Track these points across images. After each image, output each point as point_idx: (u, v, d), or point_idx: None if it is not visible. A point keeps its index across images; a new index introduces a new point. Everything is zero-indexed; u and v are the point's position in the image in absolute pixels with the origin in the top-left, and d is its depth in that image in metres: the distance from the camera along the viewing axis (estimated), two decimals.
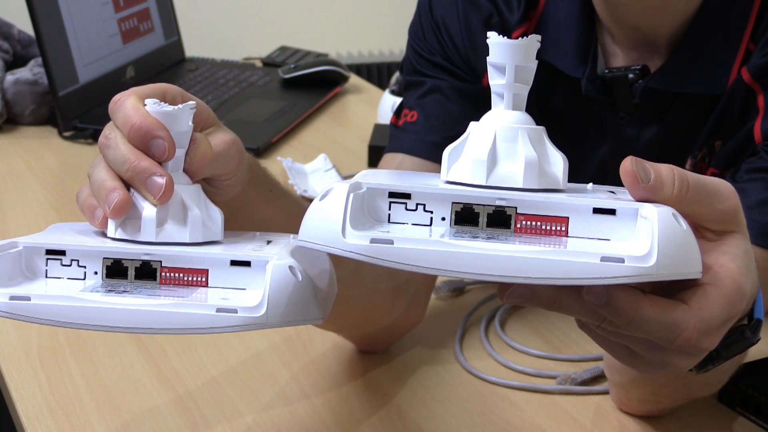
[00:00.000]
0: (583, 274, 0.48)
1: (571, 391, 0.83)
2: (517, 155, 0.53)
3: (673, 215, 0.50)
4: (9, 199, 1.23)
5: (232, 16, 3.01)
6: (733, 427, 0.79)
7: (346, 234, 0.51)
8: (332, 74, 1.68)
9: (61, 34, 1.45)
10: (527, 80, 0.55)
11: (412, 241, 0.50)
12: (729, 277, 0.52)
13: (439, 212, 0.53)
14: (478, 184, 0.53)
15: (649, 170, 0.51)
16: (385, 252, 0.50)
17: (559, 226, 0.52)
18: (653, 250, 0.48)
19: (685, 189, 0.51)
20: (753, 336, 0.58)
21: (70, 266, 0.57)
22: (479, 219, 0.52)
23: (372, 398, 0.82)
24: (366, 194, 0.53)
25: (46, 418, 0.79)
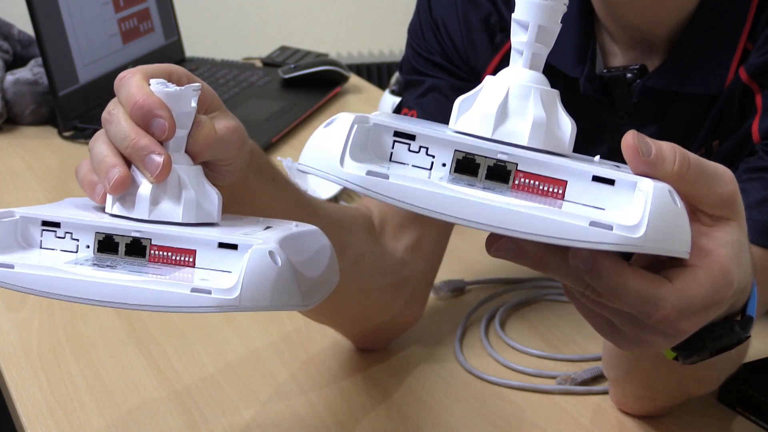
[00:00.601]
0: (570, 235, 0.49)
1: (571, 391, 0.83)
2: (526, 113, 0.53)
3: (669, 191, 0.50)
4: (9, 199, 1.23)
5: (232, 16, 3.01)
6: (733, 427, 0.79)
7: (344, 163, 0.51)
8: (332, 74, 1.68)
9: (61, 34, 1.45)
10: (549, 42, 0.55)
11: (408, 179, 0.50)
12: (717, 263, 0.51)
13: (441, 157, 0.53)
14: (484, 136, 0.53)
15: (651, 145, 0.51)
16: (379, 185, 0.50)
17: (557, 188, 0.52)
18: (643, 221, 0.48)
19: (686, 167, 0.51)
20: (742, 332, 0.58)
21: (63, 238, 0.58)
22: (479, 170, 0.52)
23: (372, 398, 0.82)
24: (371, 129, 0.53)
25: (46, 418, 0.79)
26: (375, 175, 0.50)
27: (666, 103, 0.87)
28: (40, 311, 0.95)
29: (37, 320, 0.94)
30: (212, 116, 0.63)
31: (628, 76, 0.86)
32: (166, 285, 0.53)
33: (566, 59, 0.88)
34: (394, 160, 0.54)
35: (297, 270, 0.55)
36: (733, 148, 0.83)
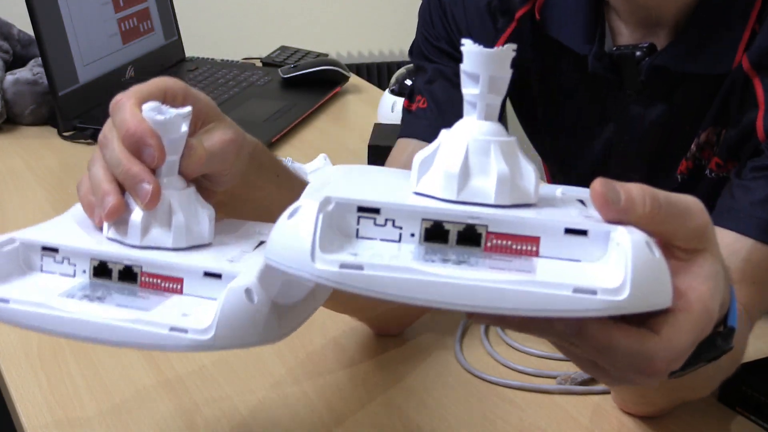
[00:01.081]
0: (554, 306, 0.47)
1: (571, 391, 0.83)
2: (489, 170, 0.52)
3: (647, 243, 0.48)
4: (9, 199, 1.23)
5: (232, 16, 3.01)
6: (733, 427, 0.79)
7: (315, 258, 0.49)
8: (332, 74, 1.68)
9: (61, 34, 1.45)
10: (501, 90, 0.54)
11: (382, 267, 0.48)
12: (699, 302, 0.51)
13: (409, 228, 0.52)
14: (449, 199, 0.52)
15: (620, 191, 0.50)
16: (354, 278, 0.49)
17: (530, 246, 0.50)
18: (626, 282, 0.47)
19: (657, 208, 0.50)
20: (724, 344, 0.58)
21: (62, 263, 0.59)
22: (449, 236, 0.51)
23: (372, 398, 0.82)
24: (335, 209, 0.51)
25: (46, 418, 0.79)
26: (348, 267, 0.48)
27: (674, 83, 0.87)
28: None
29: None
30: (207, 129, 0.64)
31: (637, 54, 0.87)
32: (147, 325, 0.54)
33: (575, 37, 0.89)
34: (362, 236, 0.52)
35: (276, 303, 0.55)
36: (736, 139, 0.84)
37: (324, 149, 1.37)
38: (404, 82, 1.47)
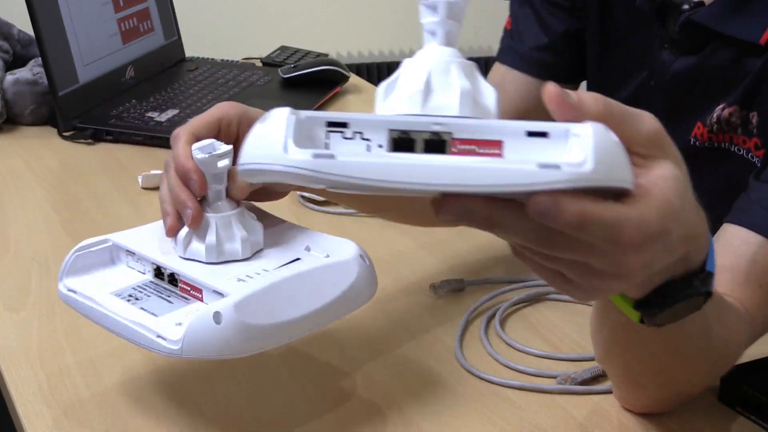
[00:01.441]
0: (522, 180, 0.48)
1: (571, 391, 0.83)
2: (451, 86, 0.54)
3: (605, 128, 0.50)
4: (9, 199, 1.23)
5: (232, 16, 3.01)
6: (733, 427, 0.79)
7: (288, 150, 0.50)
8: (332, 74, 1.68)
9: (61, 34, 1.45)
10: (459, 17, 0.56)
11: (354, 155, 0.50)
12: (659, 192, 0.52)
13: (376, 139, 0.52)
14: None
15: (572, 93, 0.53)
16: (327, 166, 0.49)
17: (494, 149, 0.52)
18: (588, 156, 0.49)
19: (608, 109, 0.52)
20: (702, 286, 0.59)
21: (138, 263, 0.77)
22: (415, 145, 0.52)
23: (372, 398, 0.82)
24: (305, 121, 0.52)
25: (46, 418, 0.79)
26: (321, 156, 0.49)
27: (706, 41, 0.91)
28: (40, 311, 0.95)
29: (37, 320, 0.94)
30: None
31: (683, 7, 0.91)
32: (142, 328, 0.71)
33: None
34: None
35: (248, 324, 0.68)
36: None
37: None
38: None
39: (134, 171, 1.31)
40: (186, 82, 1.65)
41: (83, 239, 1.11)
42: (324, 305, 0.73)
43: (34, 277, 1.02)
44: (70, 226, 1.15)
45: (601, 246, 0.51)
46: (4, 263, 1.06)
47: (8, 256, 1.07)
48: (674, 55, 0.94)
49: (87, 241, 0.79)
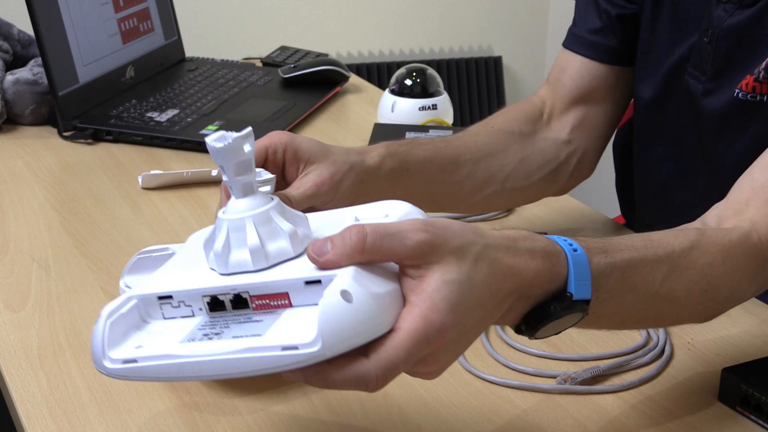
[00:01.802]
0: (270, 365, 0.58)
1: (571, 391, 0.83)
2: (244, 243, 0.63)
3: (343, 293, 0.57)
4: (9, 199, 1.23)
5: (232, 16, 3.01)
6: (733, 427, 0.79)
7: (104, 358, 0.62)
8: (332, 74, 1.68)
9: (61, 34, 1.45)
10: (249, 168, 0.64)
11: (149, 358, 0.61)
12: (414, 320, 0.58)
13: (197, 305, 0.63)
14: (223, 272, 0.64)
15: (326, 243, 0.60)
16: (133, 371, 0.62)
17: (284, 300, 0.61)
18: (318, 336, 0.56)
19: (362, 240, 0.59)
20: (562, 310, 0.66)
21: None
22: (226, 305, 0.62)
23: (372, 398, 0.82)
24: (139, 302, 0.65)
25: (46, 418, 0.79)
26: (128, 362, 0.62)
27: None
28: (40, 311, 0.95)
29: (37, 320, 0.94)
30: (306, 172, 0.81)
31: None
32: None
33: None
34: (167, 317, 0.65)
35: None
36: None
37: None
38: (404, 82, 1.47)
39: (134, 171, 1.31)
40: (186, 82, 1.65)
41: (83, 239, 1.11)
42: None
43: (34, 277, 1.02)
44: (70, 226, 1.15)
45: None
46: (4, 263, 1.06)
47: (8, 256, 1.07)
48: (728, 12, 0.98)
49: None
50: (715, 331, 0.93)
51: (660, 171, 1.13)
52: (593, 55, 1.13)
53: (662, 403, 0.82)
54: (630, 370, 0.86)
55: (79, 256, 1.07)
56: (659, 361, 0.87)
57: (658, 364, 0.86)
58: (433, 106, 1.45)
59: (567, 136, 1.12)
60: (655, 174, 1.14)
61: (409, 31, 3.26)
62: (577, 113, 1.12)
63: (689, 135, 1.06)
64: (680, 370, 0.87)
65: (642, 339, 0.90)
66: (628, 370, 0.86)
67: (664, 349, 0.89)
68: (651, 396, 0.83)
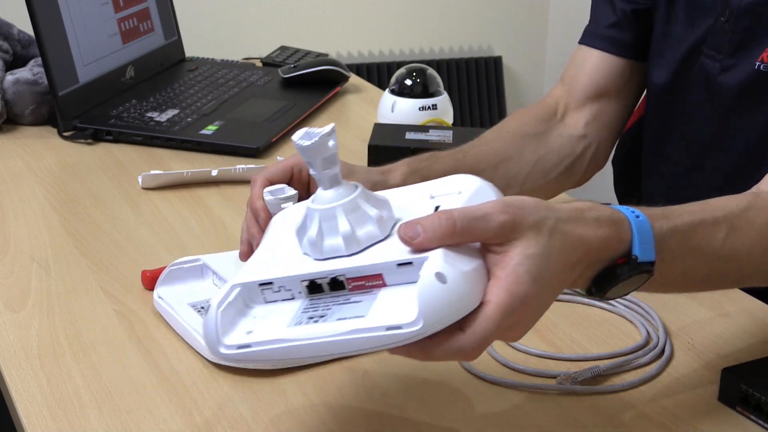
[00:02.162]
0: (377, 344, 0.63)
1: (571, 391, 0.83)
2: (336, 231, 0.68)
3: (437, 275, 0.62)
4: (9, 199, 1.23)
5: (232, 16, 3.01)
6: (733, 427, 0.79)
7: (220, 346, 0.67)
8: (332, 74, 1.68)
9: (61, 34, 1.45)
10: (334, 162, 0.69)
11: (260, 343, 0.66)
12: (501, 293, 0.64)
13: (296, 289, 0.68)
14: (318, 258, 0.69)
15: (416, 227, 0.64)
16: (247, 355, 0.66)
17: (378, 281, 0.66)
18: (419, 316, 0.61)
19: (451, 225, 0.64)
20: (627, 272, 0.71)
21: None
22: (323, 287, 0.67)
23: (372, 398, 0.82)
24: (243, 290, 0.69)
25: (46, 418, 0.79)
26: (243, 347, 0.66)
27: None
28: (40, 311, 0.95)
29: (37, 320, 0.94)
30: None
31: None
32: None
33: None
34: (268, 301, 0.69)
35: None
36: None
37: None
38: (404, 81, 1.47)
39: (134, 171, 1.31)
40: (186, 82, 1.65)
41: (83, 239, 1.11)
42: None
43: (34, 277, 1.02)
44: (70, 226, 1.15)
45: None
46: (4, 263, 1.06)
47: (8, 256, 1.07)
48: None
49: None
50: (715, 331, 0.93)
51: (671, 156, 1.17)
52: (610, 48, 1.18)
53: (662, 403, 0.82)
54: (630, 370, 0.86)
55: (79, 256, 1.07)
56: (659, 361, 0.87)
57: (658, 364, 0.86)
58: (433, 106, 1.45)
59: (582, 130, 1.17)
60: (665, 161, 1.18)
61: (409, 31, 3.26)
62: (593, 108, 1.17)
63: (703, 117, 1.11)
64: (680, 370, 0.87)
65: (642, 339, 0.90)
66: (628, 370, 0.86)
67: (664, 349, 0.89)
68: (651, 396, 0.83)
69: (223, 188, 1.26)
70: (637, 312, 0.95)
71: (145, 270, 1.00)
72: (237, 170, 1.27)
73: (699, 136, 1.12)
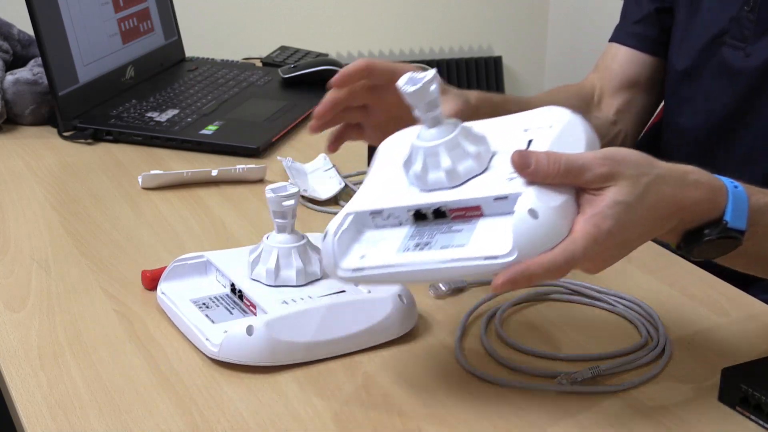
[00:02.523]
0: (477, 272, 0.73)
1: (571, 391, 0.83)
2: (440, 166, 0.76)
3: (530, 211, 0.71)
4: (9, 199, 1.23)
5: (232, 16, 3.01)
6: (733, 427, 0.79)
7: (338, 267, 0.77)
8: (332, 74, 1.65)
9: (61, 34, 1.45)
10: (436, 104, 0.77)
11: (372, 268, 0.76)
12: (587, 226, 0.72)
13: (403, 216, 0.78)
14: (424, 189, 0.77)
15: (530, 159, 0.73)
16: (361, 278, 0.77)
17: (477, 212, 0.75)
18: (514, 248, 0.71)
19: (557, 168, 0.72)
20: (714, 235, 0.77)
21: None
22: (428, 216, 0.77)
23: (372, 398, 0.82)
24: (355, 217, 0.79)
25: (46, 418, 0.79)
26: (357, 270, 0.76)
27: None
28: (40, 311, 0.95)
29: (37, 320, 0.94)
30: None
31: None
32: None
33: None
34: (378, 227, 0.79)
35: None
36: None
37: (324, 149, 1.36)
38: None
39: (134, 171, 1.31)
40: (186, 82, 1.65)
41: (83, 239, 1.11)
42: (350, 334, 0.86)
43: (34, 277, 1.02)
44: (70, 226, 1.15)
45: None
46: (4, 263, 1.06)
47: (8, 256, 1.07)
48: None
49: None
50: (715, 331, 0.93)
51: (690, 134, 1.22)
52: (637, 45, 1.27)
53: (662, 403, 0.82)
54: (630, 370, 0.86)
55: (79, 256, 1.07)
56: (659, 361, 0.87)
57: (658, 364, 0.86)
58: None
59: (613, 116, 1.25)
60: (685, 141, 1.23)
61: (409, 31, 3.26)
62: (623, 97, 1.26)
63: (723, 99, 1.15)
64: (680, 370, 0.87)
65: (642, 339, 0.90)
66: (628, 370, 0.86)
67: (664, 349, 0.89)
68: (651, 396, 0.83)
69: (223, 188, 1.26)
70: (637, 312, 0.95)
71: (145, 270, 1.00)
72: (237, 170, 1.27)
73: (718, 119, 1.17)
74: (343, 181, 1.24)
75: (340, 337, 0.86)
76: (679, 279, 1.03)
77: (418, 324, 0.92)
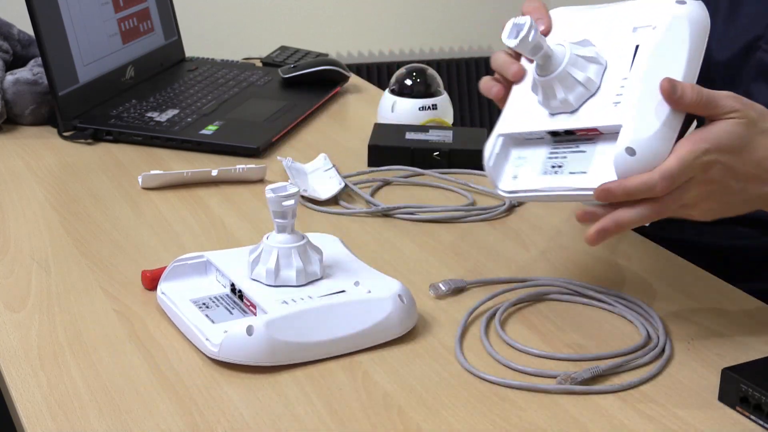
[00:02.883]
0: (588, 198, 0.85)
1: (571, 391, 0.83)
2: (554, 95, 0.89)
3: (626, 149, 0.82)
4: (9, 199, 1.23)
5: (232, 16, 3.01)
6: (733, 427, 0.79)
7: (499, 184, 0.93)
8: (332, 74, 1.68)
9: (61, 34, 1.45)
10: (539, 47, 0.87)
11: (520, 191, 0.91)
12: (685, 143, 0.81)
13: (544, 136, 0.92)
14: (553, 113, 0.90)
15: (678, 86, 0.81)
16: (514, 196, 0.93)
17: (596, 132, 0.88)
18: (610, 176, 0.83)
19: (697, 99, 0.81)
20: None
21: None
22: (560, 134, 0.91)
23: (372, 398, 0.82)
24: (504, 139, 0.94)
25: (46, 418, 0.79)
26: (511, 192, 0.92)
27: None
28: (40, 311, 0.95)
29: (37, 320, 0.94)
30: None
31: None
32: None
33: None
34: (522, 145, 0.94)
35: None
36: None
37: (324, 149, 1.37)
38: (404, 81, 1.47)
39: (134, 171, 1.31)
40: (186, 82, 1.65)
41: (83, 239, 1.11)
42: (351, 334, 0.87)
43: (34, 277, 1.02)
44: (70, 226, 1.15)
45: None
46: (4, 263, 1.06)
47: (8, 256, 1.07)
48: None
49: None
50: (715, 331, 0.93)
51: None
52: None
53: (662, 403, 0.82)
54: (630, 370, 0.86)
55: (79, 256, 1.07)
56: (659, 361, 0.87)
57: (658, 364, 0.86)
58: (433, 106, 1.45)
59: None
60: None
61: (409, 31, 3.26)
62: None
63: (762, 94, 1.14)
64: (680, 370, 0.87)
65: (642, 339, 0.90)
66: (628, 370, 0.86)
67: (664, 349, 0.89)
68: (651, 396, 0.83)
69: (223, 188, 1.26)
70: (637, 312, 0.95)
71: (145, 270, 1.00)
72: (237, 170, 1.27)
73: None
74: (343, 181, 1.24)
75: (340, 337, 0.86)
76: (679, 279, 1.03)
77: (418, 324, 0.92)
